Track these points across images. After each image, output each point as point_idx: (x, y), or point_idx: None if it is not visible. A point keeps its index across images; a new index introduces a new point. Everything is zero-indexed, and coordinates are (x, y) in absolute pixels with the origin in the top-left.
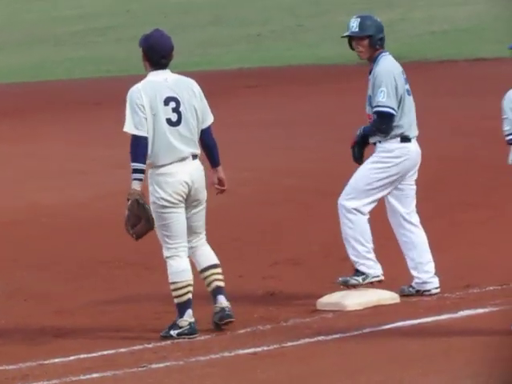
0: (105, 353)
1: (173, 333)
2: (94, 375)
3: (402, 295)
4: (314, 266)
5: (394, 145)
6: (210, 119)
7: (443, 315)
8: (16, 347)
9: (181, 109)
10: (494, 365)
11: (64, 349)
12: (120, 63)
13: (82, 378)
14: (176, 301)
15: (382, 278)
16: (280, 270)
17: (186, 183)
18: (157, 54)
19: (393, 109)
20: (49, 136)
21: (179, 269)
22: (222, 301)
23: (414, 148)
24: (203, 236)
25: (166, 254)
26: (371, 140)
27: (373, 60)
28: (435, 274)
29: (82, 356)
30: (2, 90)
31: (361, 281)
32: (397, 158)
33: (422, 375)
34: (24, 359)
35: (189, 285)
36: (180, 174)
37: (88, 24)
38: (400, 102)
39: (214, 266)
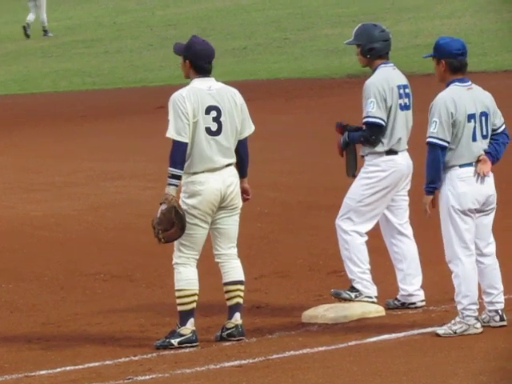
0: (91, 365)
1: (174, 341)
2: None
3: (388, 308)
4: (300, 279)
5: (380, 158)
6: (248, 130)
7: (428, 328)
8: (1, 359)
9: (221, 119)
10: (480, 378)
11: (50, 361)
12: (105, 76)
13: None
14: (180, 308)
15: (375, 300)
16: (266, 283)
17: (219, 191)
18: (203, 60)
19: (382, 119)
20: (35, 149)
21: (188, 277)
22: (238, 318)
23: (401, 160)
24: (235, 246)
25: (176, 260)
26: (361, 153)
27: (373, 70)
28: (421, 287)
29: (67, 368)
30: None
31: (353, 297)
32: (383, 172)
33: None
34: (10, 371)
35: (195, 294)
36: (212, 182)
37: (74, 36)
38: (389, 115)
39: (241, 283)
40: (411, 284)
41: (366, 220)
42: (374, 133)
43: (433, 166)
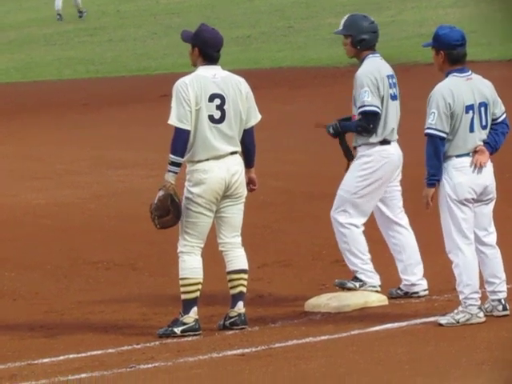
0: (93, 353)
1: (176, 330)
2: (83, 375)
3: (391, 298)
4: (303, 268)
5: (373, 149)
6: (253, 120)
7: (431, 318)
8: (5, 347)
9: (225, 107)
10: (483, 368)
11: (53, 349)
12: (109, 64)
13: (70, 378)
14: (183, 297)
15: (379, 289)
16: (269, 273)
17: (223, 179)
18: (211, 48)
19: (378, 108)
20: (38, 137)
21: (193, 265)
22: (241, 307)
23: (393, 150)
24: (239, 234)
25: (181, 248)
26: (353, 144)
27: (361, 61)
28: (423, 276)
29: (70, 356)
30: None
31: (357, 286)
32: (377, 163)
33: (409, 377)
34: (13, 359)
35: (199, 283)
36: (216, 170)
37: (78, 24)
38: (382, 105)
39: (244, 272)
40: (413, 274)
41: (361, 212)
42: (371, 121)
43: (434, 157)
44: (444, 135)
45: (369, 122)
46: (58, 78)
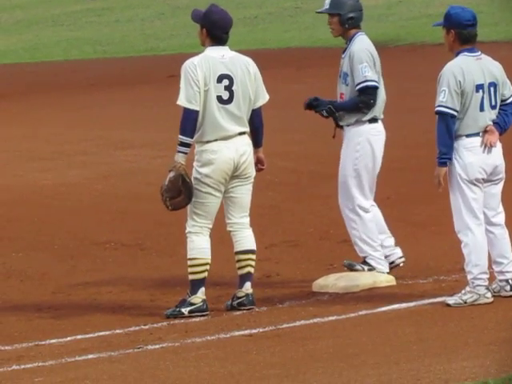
0: (101, 334)
1: (184, 310)
2: (90, 356)
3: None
4: (311, 248)
5: (363, 127)
6: (261, 100)
7: (439, 298)
8: (12, 328)
9: (233, 87)
10: (491, 348)
11: (60, 329)
12: (117, 44)
13: (77, 358)
14: (191, 277)
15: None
16: (276, 253)
17: (232, 160)
18: (220, 30)
19: (377, 82)
20: (46, 117)
21: (201, 246)
22: (248, 287)
23: (381, 128)
24: (247, 215)
25: (189, 229)
26: (342, 122)
27: (349, 39)
28: (395, 245)
29: (77, 337)
30: None
31: (366, 269)
32: (369, 141)
33: (417, 358)
34: (20, 340)
35: (207, 263)
36: (225, 150)
37: (85, 5)
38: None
39: (252, 252)
40: (384, 247)
41: (366, 191)
42: (372, 96)
43: (445, 135)
44: (455, 113)
45: (370, 96)
46: (65, 59)
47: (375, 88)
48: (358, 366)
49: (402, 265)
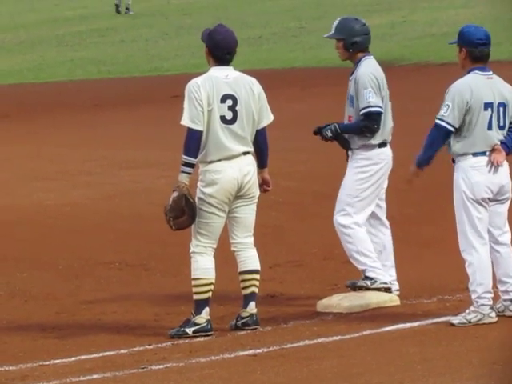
0: (105, 354)
1: (188, 330)
2: (94, 376)
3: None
4: (315, 268)
5: (372, 151)
6: (266, 120)
7: (443, 318)
8: (16, 348)
9: (237, 107)
10: (495, 367)
11: (64, 350)
12: (121, 64)
13: (81, 378)
14: (196, 297)
15: (390, 286)
16: (280, 272)
17: (236, 179)
18: (222, 50)
19: (381, 107)
20: (50, 137)
21: (206, 266)
22: (253, 307)
23: (389, 152)
24: (251, 235)
25: (193, 249)
26: (351, 146)
27: (356, 62)
28: (396, 279)
29: (82, 357)
30: (3, 91)
31: (369, 284)
32: (377, 165)
33: (421, 377)
34: (24, 360)
35: (211, 283)
36: (228, 170)
37: (90, 25)
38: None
39: (256, 272)
40: (389, 276)
41: (362, 212)
42: (376, 121)
43: (432, 145)
44: (451, 129)
45: (373, 122)
46: (69, 79)
47: (378, 114)
48: None
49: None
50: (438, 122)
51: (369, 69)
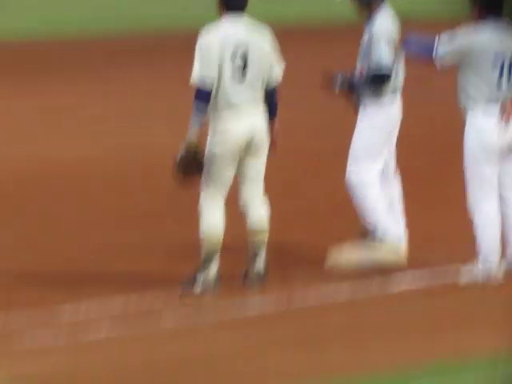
0: (115, 300)
1: (196, 287)
2: (105, 322)
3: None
4: (324, 225)
5: (383, 105)
6: (277, 69)
7: (450, 277)
8: (26, 294)
9: (248, 59)
10: (504, 331)
11: (74, 296)
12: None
13: (92, 324)
14: (204, 253)
15: (400, 242)
16: (289, 229)
17: (245, 134)
18: None
19: (389, 69)
20: (62, 89)
21: (214, 221)
22: (260, 264)
23: (399, 102)
24: (261, 191)
25: (202, 203)
26: (361, 98)
27: (371, 15)
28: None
29: (92, 303)
30: (13, 47)
31: (378, 242)
32: (387, 115)
33: (428, 332)
34: (34, 306)
35: (220, 239)
36: (238, 126)
37: None
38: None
39: (265, 229)
40: (398, 232)
41: (373, 165)
42: (384, 82)
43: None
44: (439, 53)
45: (382, 83)
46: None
47: (387, 76)
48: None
49: None
50: (435, 49)
51: (383, 22)
